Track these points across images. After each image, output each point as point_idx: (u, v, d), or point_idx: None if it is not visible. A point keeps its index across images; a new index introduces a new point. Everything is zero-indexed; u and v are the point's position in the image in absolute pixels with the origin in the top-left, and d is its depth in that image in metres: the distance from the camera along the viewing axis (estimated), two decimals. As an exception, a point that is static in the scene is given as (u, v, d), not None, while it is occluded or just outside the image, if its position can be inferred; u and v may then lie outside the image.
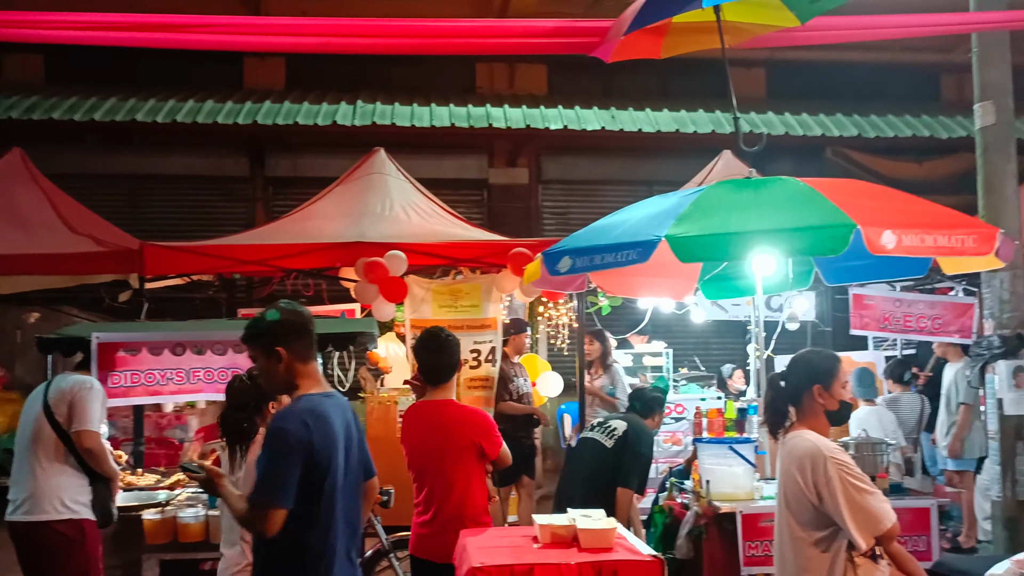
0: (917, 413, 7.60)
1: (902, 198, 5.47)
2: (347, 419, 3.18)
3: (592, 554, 3.40)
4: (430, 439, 4.26)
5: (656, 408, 6.06)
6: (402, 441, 4.42)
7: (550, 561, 3.32)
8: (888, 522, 3.17)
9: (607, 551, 3.44)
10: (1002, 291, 6.25)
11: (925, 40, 11.42)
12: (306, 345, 3.12)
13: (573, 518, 3.69)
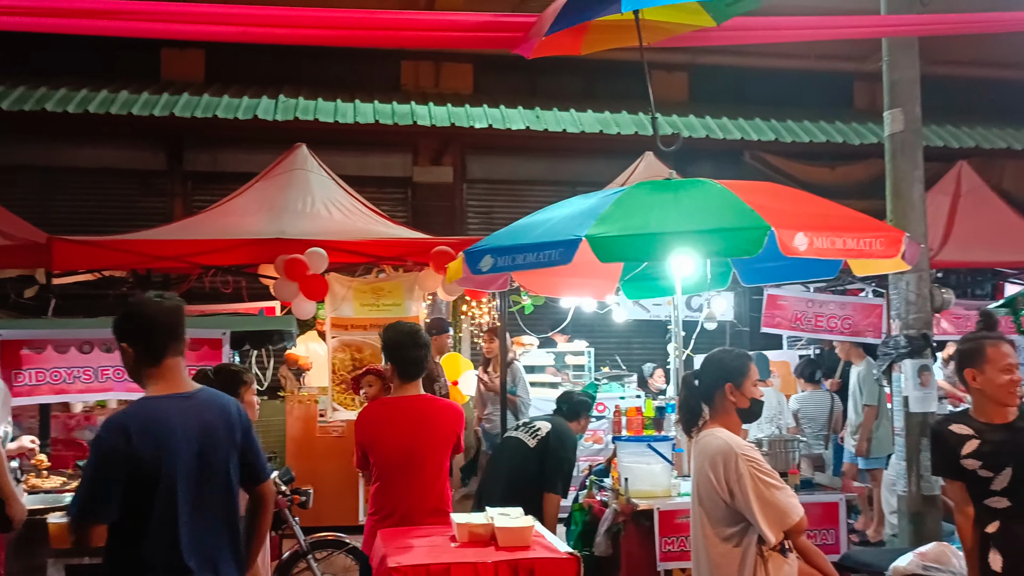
0: (827, 411, 7.83)
1: (814, 202, 5.61)
2: (207, 422, 2.92)
3: (509, 552, 3.40)
4: (414, 433, 4.21)
5: (582, 412, 6.11)
6: (370, 437, 4.24)
7: (467, 560, 3.32)
8: (796, 516, 3.26)
9: (524, 549, 3.45)
10: (908, 293, 6.45)
11: (839, 49, 11.79)
12: (155, 343, 2.89)
13: (491, 517, 3.69)
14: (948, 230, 9.36)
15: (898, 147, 6.58)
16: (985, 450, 3.55)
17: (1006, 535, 3.49)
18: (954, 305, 8.51)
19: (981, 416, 3.65)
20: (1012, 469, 3.51)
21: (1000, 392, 3.60)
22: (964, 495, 3.58)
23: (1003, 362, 3.60)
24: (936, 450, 3.73)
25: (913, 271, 6.33)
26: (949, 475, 3.64)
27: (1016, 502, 3.50)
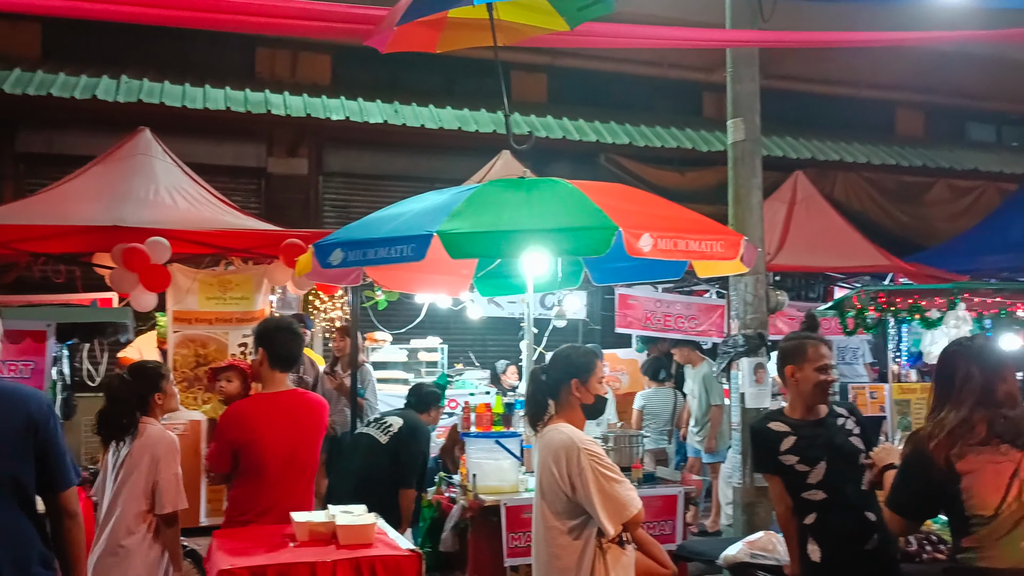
0: (671, 408, 8.11)
1: (661, 204, 5.79)
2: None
3: (350, 551, 3.34)
4: (294, 430, 4.09)
5: (432, 403, 6.08)
6: (246, 436, 4.03)
7: (305, 560, 3.24)
8: (634, 509, 3.34)
9: (366, 547, 3.40)
10: (746, 294, 6.77)
11: (689, 60, 12.28)
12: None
13: (333, 515, 3.62)
14: (784, 236, 9.90)
15: (739, 155, 6.89)
16: (801, 445, 3.70)
17: (823, 526, 3.66)
18: (788, 307, 9.01)
19: (795, 413, 3.81)
20: (826, 463, 3.68)
21: (815, 391, 3.77)
22: (782, 490, 3.75)
23: (821, 361, 3.78)
24: (757, 448, 3.89)
25: (751, 274, 6.64)
26: (769, 471, 3.79)
27: (831, 494, 3.67)
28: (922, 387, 9.43)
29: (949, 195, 12.96)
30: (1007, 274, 10.03)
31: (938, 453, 2.91)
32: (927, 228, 12.66)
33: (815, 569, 3.65)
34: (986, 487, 2.83)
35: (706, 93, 13.62)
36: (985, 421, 2.90)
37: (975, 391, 2.96)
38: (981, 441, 2.88)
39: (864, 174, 12.58)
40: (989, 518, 2.82)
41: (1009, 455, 2.86)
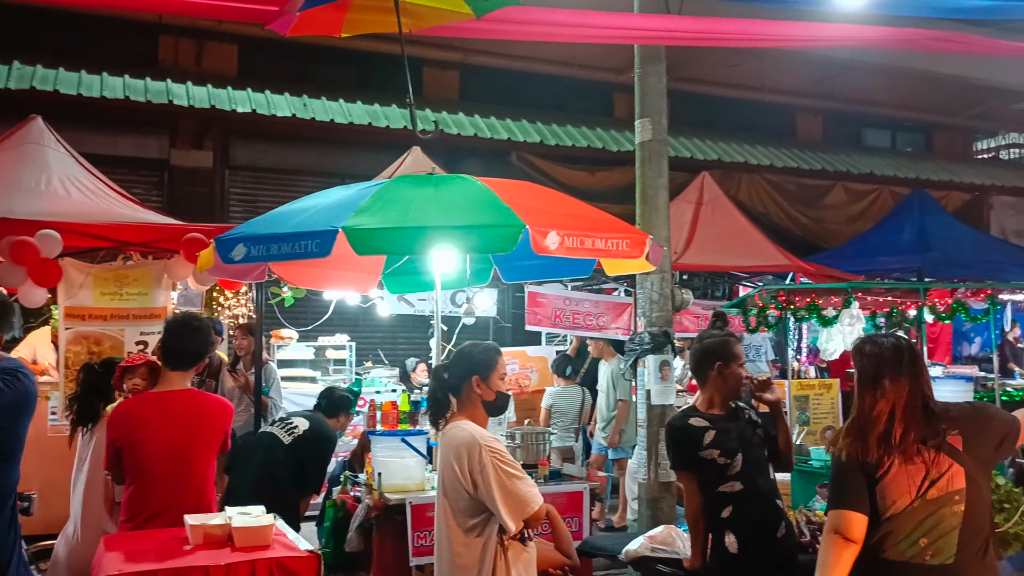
0: (578, 405, 8.18)
1: (568, 203, 5.84)
2: None
3: (246, 553, 3.26)
4: (184, 430, 3.96)
5: (343, 408, 6.01)
6: (128, 436, 3.91)
7: (198, 564, 3.14)
8: (535, 505, 3.35)
9: (263, 549, 3.32)
10: (652, 292, 6.87)
11: (600, 60, 12.42)
12: None
13: (229, 516, 3.52)
14: (691, 235, 10.11)
15: (647, 155, 6.99)
16: (721, 439, 3.83)
17: (739, 517, 3.78)
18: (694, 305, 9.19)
19: (710, 408, 3.94)
20: (742, 454, 3.82)
21: (737, 387, 3.92)
22: (696, 487, 3.84)
23: (742, 359, 3.96)
24: (676, 445, 3.95)
25: (657, 272, 6.74)
26: (687, 467, 3.88)
27: (747, 484, 3.81)
28: (820, 383, 9.76)
29: (846, 198, 13.44)
30: (898, 274, 10.47)
31: (864, 451, 2.94)
32: (825, 230, 13.11)
33: (733, 560, 3.76)
34: (900, 487, 2.90)
35: (617, 94, 13.80)
36: (905, 423, 2.93)
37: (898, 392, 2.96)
38: (895, 445, 2.92)
39: (767, 176, 12.93)
40: (897, 515, 2.89)
41: (923, 456, 2.90)
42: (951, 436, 2.90)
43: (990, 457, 2.99)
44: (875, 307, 8.52)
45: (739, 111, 14.53)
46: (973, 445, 2.91)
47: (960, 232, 11.57)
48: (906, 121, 16.20)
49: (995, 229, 14.23)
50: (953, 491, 2.86)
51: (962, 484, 2.86)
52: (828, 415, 9.48)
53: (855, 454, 2.94)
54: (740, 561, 3.74)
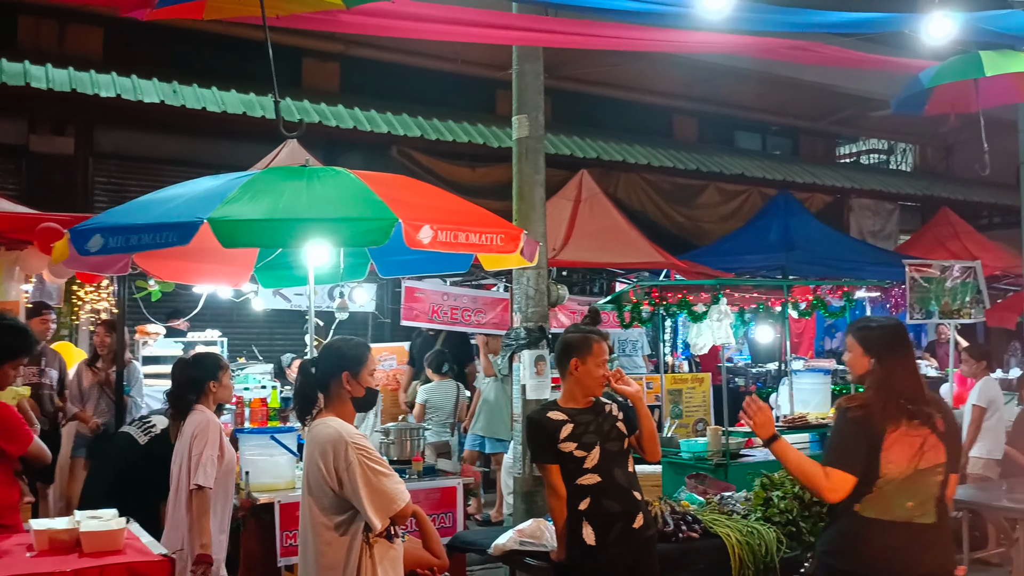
0: (453, 400, 8.18)
1: (443, 197, 5.84)
2: None
3: (95, 559, 3.12)
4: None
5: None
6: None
7: (42, 570, 2.98)
8: (402, 502, 3.32)
9: (114, 554, 3.17)
10: (528, 288, 6.93)
11: (483, 56, 12.41)
12: None
13: (78, 520, 3.36)
14: (569, 232, 10.25)
15: (523, 151, 7.04)
16: (578, 432, 3.92)
17: (596, 509, 3.86)
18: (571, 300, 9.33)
19: (570, 403, 4.02)
20: (599, 448, 3.91)
21: (595, 383, 4.01)
22: (559, 478, 3.90)
23: (602, 356, 4.02)
24: (535, 438, 4.01)
25: (533, 268, 6.79)
26: (548, 460, 3.93)
27: (605, 477, 3.90)
28: (693, 377, 10.08)
29: (719, 198, 13.89)
30: (765, 272, 10.90)
31: (875, 420, 3.31)
32: (699, 228, 13.51)
33: (590, 551, 3.83)
34: (900, 455, 3.29)
35: (499, 90, 13.82)
36: (907, 399, 3.34)
37: (903, 370, 3.40)
38: (905, 416, 3.32)
39: (644, 175, 13.23)
40: (894, 480, 3.28)
41: (919, 431, 3.33)
42: (937, 418, 3.38)
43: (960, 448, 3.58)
44: (743, 303, 8.85)
45: (618, 111, 14.82)
46: (949, 431, 3.41)
47: (821, 232, 12.14)
48: (775, 125, 16.87)
49: (854, 230, 14.99)
50: (937, 463, 3.34)
51: (943, 459, 3.35)
52: (700, 408, 9.80)
53: (872, 420, 3.32)
54: (597, 552, 3.82)
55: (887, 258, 12.03)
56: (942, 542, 3.39)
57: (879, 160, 18.82)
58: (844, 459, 3.31)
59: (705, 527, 4.72)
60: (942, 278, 10.74)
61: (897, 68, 7.02)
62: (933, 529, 3.33)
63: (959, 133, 16.83)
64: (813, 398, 8.66)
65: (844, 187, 14.84)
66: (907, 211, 16.41)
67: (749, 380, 11.50)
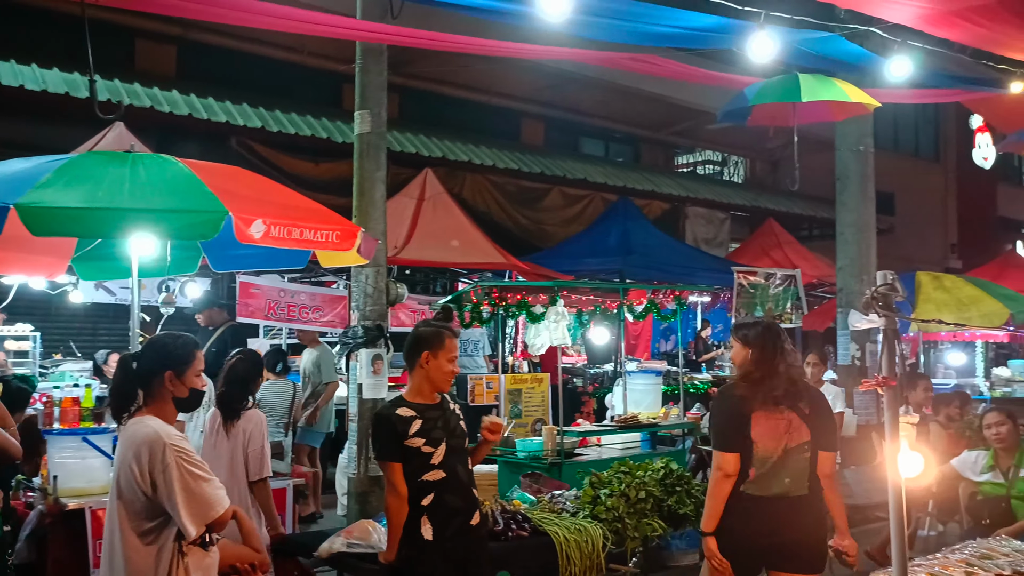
0: (289, 400, 7.96)
1: (280, 191, 5.67)
2: None
3: None
4: None
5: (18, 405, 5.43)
6: None
7: None
8: (221, 508, 3.18)
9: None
10: (367, 286, 6.84)
11: (330, 49, 12.18)
12: None
13: None
14: (412, 230, 10.19)
15: (365, 147, 6.95)
16: (426, 428, 3.90)
17: (438, 505, 3.86)
18: (412, 299, 9.29)
19: (417, 398, 3.99)
20: (445, 444, 3.92)
21: (444, 378, 4.01)
22: (401, 476, 3.86)
23: (453, 352, 4.04)
24: (382, 434, 3.94)
25: (372, 265, 6.73)
26: (394, 457, 3.88)
27: (449, 474, 3.91)
28: (532, 377, 10.21)
29: (562, 201, 14.17)
30: (603, 275, 11.20)
31: (743, 406, 3.93)
32: (543, 231, 13.74)
33: (426, 546, 3.82)
34: (767, 437, 3.89)
35: (346, 84, 13.56)
36: (775, 386, 3.92)
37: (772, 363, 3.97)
38: (771, 402, 3.91)
39: (490, 176, 13.32)
40: (765, 460, 3.87)
41: (785, 414, 3.92)
42: (802, 403, 3.95)
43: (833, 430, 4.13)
44: (580, 305, 9.06)
45: (467, 111, 14.87)
46: (815, 414, 3.98)
47: (658, 238, 12.60)
48: (618, 133, 17.40)
49: (689, 237, 15.65)
50: (803, 442, 3.92)
51: (808, 437, 3.93)
52: (539, 408, 9.95)
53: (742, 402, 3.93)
54: (433, 548, 3.81)
55: (718, 264, 12.62)
56: (815, 511, 3.95)
57: (714, 171, 19.74)
58: (724, 442, 3.99)
59: (535, 525, 4.79)
60: (766, 285, 11.39)
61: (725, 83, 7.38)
62: (806, 500, 3.93)
63: (785, 149, 17.88)
64: (645, 398, 8.96)
65: (680, 195, 15.46)
66: (738, 220, 17.28)
67: (587, 381, 11.78)
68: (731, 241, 16.87)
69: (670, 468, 5.30)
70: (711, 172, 19.64)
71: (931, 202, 23.32)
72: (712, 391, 11.28)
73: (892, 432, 2.80)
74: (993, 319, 9.36)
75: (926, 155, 23.73)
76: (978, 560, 3.90)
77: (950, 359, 13.97)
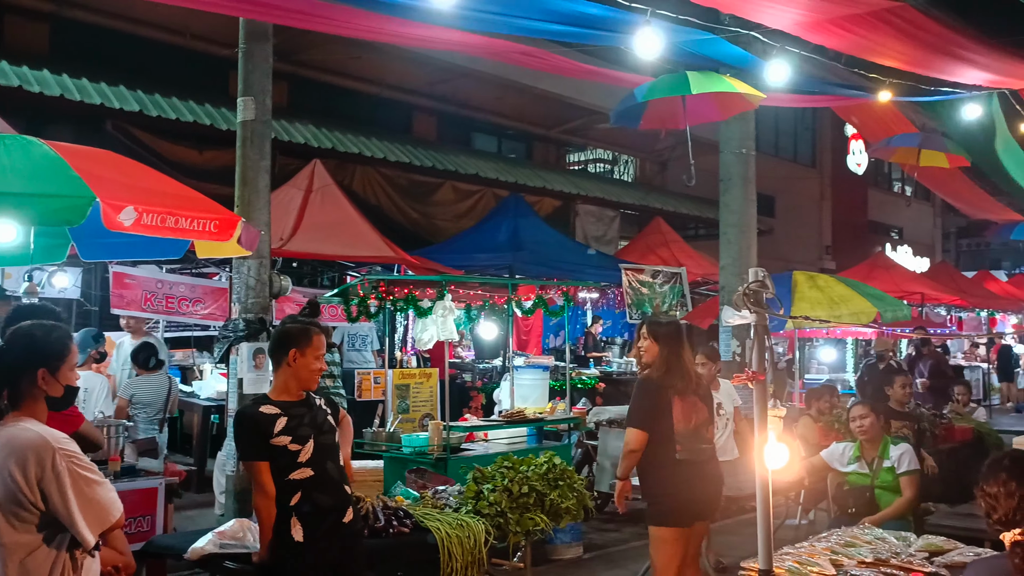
0: (164, 395, 7.66)
1: (155, 177, 5.45)
2: None
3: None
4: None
5: None
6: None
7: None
8: (117, 513, 2.94)
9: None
10: (249, 278, 6.64)
11: (215, 33, 11.80)
12: None
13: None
14: (299, 222, 9.96)
15: (248, 135, 6.75)
16: (292, 426, 3.81)
17: (308, 504, 3.76)
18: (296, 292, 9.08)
19: (283, 395, 3.90)
20: (313, 441, 3.83)
21: (311, 376, 3.93)
22: (268, 476, 3.74)
23: (320, 350, 3.96)
24: (246, 433, 3.83)
25: (254, 257, 6.53)
26: (259, 456, 3.76)
27: (318, 471, 3.82)
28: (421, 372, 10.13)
29: (454, 196, 14.13)
30: (493, 271, 11.22)
31: (664, 393, 4.73)
32: (434, 225, 13.67)
33: (297, 548, 3.72)
34: (684, 414, 4.74)
35: (232, 70, 13.02)
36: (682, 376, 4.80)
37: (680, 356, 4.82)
38: (683, 389, 4.78)
39: (381, 169, 13.17)
40: (685, 434, 4.72)
41: (691, 397, 4.81)
42: (699, 388, 4.92)
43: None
44: (469, 300, 9.04)
45: (358, 103, 14.65)
46: (705, 397, 4.98)
47: (548, 234, 12.69)
48: (510, 130, 17.47)
49: (579, 234, 15.86)
50: (706, 420, 4.89)
51: (706, 415, 4.91)
52: (427, 403, 9.86)
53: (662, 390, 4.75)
54: (305, 548, 3.72)
55: (607, 262, 12.81)
56: (718, 472, 4.98)
57: (604, 170, 20.04)
58: (640, 421, 4.76)
59: (416, 521, 4.74)
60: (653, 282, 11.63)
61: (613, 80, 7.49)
62: (715, 462, 4.96)
63: (673, 150, 18.36)
64: (533, 393, 9.01)
65: (571, 193, 15.63)
66: (627, 219, 17.61)
67: (476, 376, 11.78)
68: (620, 239, 17.17)
69: (553, 463, 5.34)
70: (602, 171, 19.94)
71: (808, 205, 24.35)
72: (600, 386, 11.44)
73: (760, 425, 2.88)
74: (862, 317, 9.80)
75: (804, 160, 24.75)
76: (842, 548, 4.06)
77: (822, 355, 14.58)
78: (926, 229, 30.98)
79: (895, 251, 26.47)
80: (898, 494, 5.80)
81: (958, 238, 34.97)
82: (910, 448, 6.02)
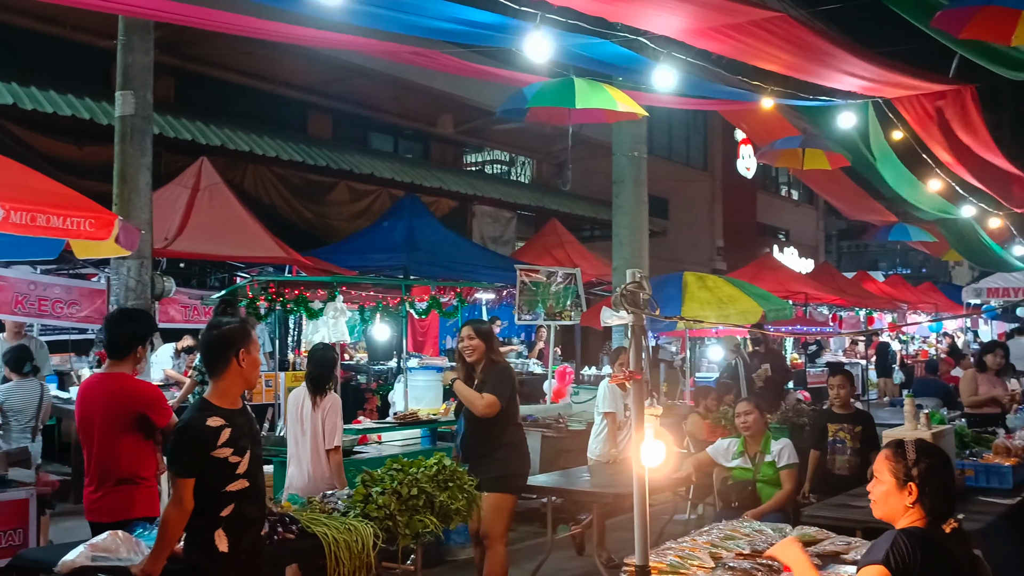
0: (36, 402, 7.30)
1: (25, 174, 5.26)
2: None
3: None
4: (93, 410, 4.51)
5: None
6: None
7: None
8: None
9: None
10: (129, 279, 6.42)
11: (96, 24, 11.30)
12: None
13: None
14: (185, 221, 9.66)
15: (128, 131, 6.54)
16: (235, 436, 3.64)
17: (237, 515, 3.65)
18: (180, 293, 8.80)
19: (225, 402, 3.70)
20: (250, 452, 3.70)
21: (255, 373, 3.82)
22: (191, 491, 3.57)
23: (258, 343, 3.91)
24: (187, 448, 3.59)
25: (135, 257, 6.33)
26: (191, 473, 3.56)
27: (251, 482, 3.71)
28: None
29: (349, 196, 13.96)
30: (388, 272, 11.12)
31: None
32: (328, 225, 13.48)
33: (222, 558, 3.62)
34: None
35: (114, 63, 12.66)
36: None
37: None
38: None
39: (274, 168, 12.90)
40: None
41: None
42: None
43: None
44: (362, 301, 8.94)
45: (250, 100, 14.29)
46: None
47: (444, 235, 12.64)
48: (407, 130, 17.35)
49: (476, 235, 15.87)
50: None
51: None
52: (321, 406, 9.73)
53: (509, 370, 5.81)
54: (229, 559, 3.62)
55: (502, 262, 12.84)
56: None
57: (501, 171, 20.13)
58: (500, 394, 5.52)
59: (303, 527, 4.65)
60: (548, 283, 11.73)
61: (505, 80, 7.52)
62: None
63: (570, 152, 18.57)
64: (427, 395, 8.97)
65: (468, 193, 15.64)
66: (524, 220, 17.74)
67: (370, 378, 11.66)
68: (517, 240, 17.28)
69: (443, 464, 5.32)
70: (499, 172, 20.02)
71: (701, 208, 25.03)
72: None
73: (637, 423, 2.94)
74: (748, 317, 10.12)
75: (696, 164, 25.43)
76: (721, 541, 4.18)
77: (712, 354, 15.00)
78: (810, 231, 32.26)
79: (782, 252, 27.50)
80: (779, 487, 6.02)
81: (840, 240, 36.55)
82: (790, 443, 6.26)
